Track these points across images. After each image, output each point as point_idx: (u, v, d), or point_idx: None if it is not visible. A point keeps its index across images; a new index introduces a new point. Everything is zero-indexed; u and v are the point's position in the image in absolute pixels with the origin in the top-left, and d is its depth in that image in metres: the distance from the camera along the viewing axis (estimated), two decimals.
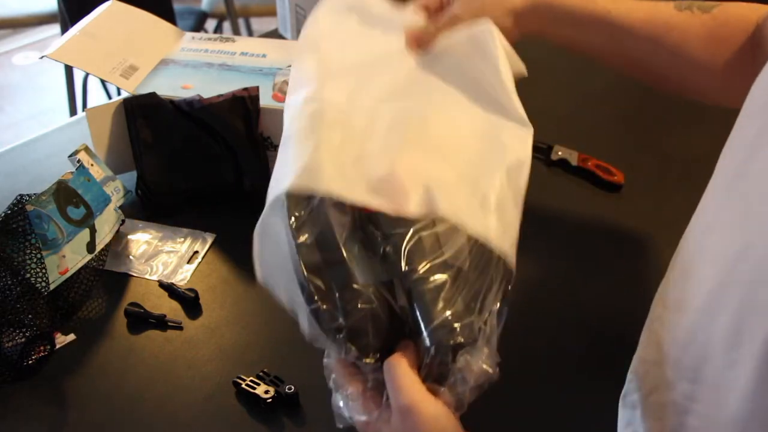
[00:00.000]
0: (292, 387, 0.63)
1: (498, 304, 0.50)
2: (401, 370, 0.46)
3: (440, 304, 0.47)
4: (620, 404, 0.53)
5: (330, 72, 0.60)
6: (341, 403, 0.49)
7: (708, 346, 0.40)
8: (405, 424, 0.46)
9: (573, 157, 0.95)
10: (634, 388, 0.51)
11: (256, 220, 0.53)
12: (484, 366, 0.47)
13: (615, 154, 0.95)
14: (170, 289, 0.76)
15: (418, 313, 0.48)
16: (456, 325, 0.47)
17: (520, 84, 0.72)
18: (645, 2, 0.70)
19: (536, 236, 0.84)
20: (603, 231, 0.86)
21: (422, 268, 0.48)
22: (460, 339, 0.47)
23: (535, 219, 0.87)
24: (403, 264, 0.48)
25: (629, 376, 0.53)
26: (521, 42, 1.22)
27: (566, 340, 0.71)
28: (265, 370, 0.66)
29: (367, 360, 0.48)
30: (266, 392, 0.63)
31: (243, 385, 0.64)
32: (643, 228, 0.85)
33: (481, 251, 0.51)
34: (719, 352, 0.39)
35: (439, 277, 0.48)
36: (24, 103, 3.08)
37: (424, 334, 0.47)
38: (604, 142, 1.01)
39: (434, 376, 0.47)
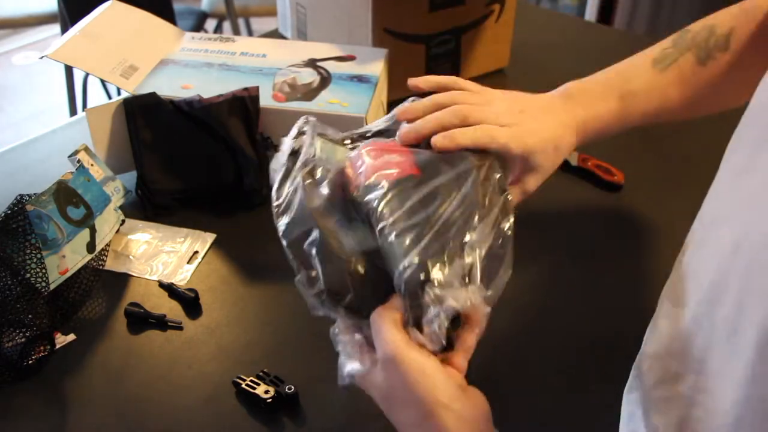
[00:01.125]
0: (292, 387, 0.63)
1: (491, 240, 0.51)
2: (384, 322, 0.47)
3: (407, 243, 0.48)
4: (623, 402, 0.53)
5: None
6: (341, 358, 0.51)
7: (711, 336, 0.41)
8: (390, 375, 0.46)
9: (573, 157, 0.95)
10: (637, 385, 0.51)
11: (256, 219, 0.53)
12: (466, 298, 0.47)
13: (615, 154, 0.95)
14: (170, 289, 0.76)
15: (390, 261, 0.49)
16: (427, 262, 0.48)
17: (521, 84, 0.73)
18: (668, 74, 0.70)
19: (536, 236, 0.84)
20: (603, 231, 0.86)
21: (393, 217, 0.50)
22: (429, 275, 0.47)
23: (535, 219, 0.87)
24: (376, 221, 0.50)
25: (633, 372, 0.53)
26: (521, 41, 1.22)
27: (566, 339, 0.71)
28: (265, 370, 0.66)
29: (355, 316, 0.50)
30: (266, 392, 0.63)
31: (243, 385, 0.64)
32: (643, 228, 0.85)
33: (466, 192, 0.52)
34: (721, 342, 0.39)
35: (410, 222, 0.50)
36: (24, 103, 3.09)
37: (395, 276, 0.48)
38: (604, 142, 1.01)
39: (414, 319, 0.48)
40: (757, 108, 0.45)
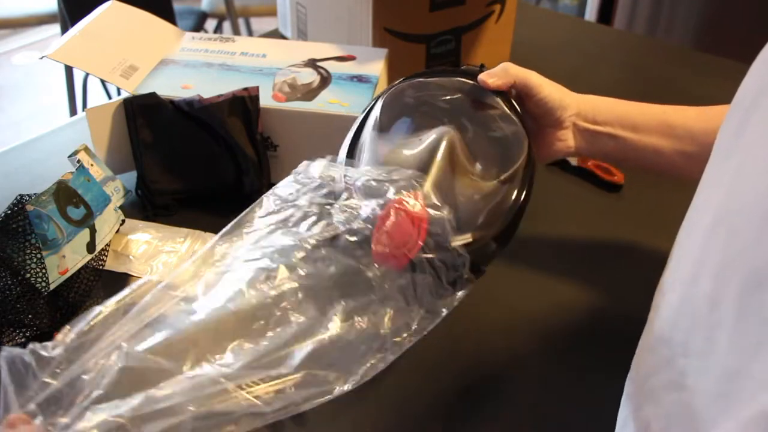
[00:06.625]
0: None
1: None
2: None
3: None
4: (622, 397, 0.53)
5: None
6: None
7: (694, 315, 0.41)
8: None
9: (573, 157, 0.95)
10: (633, 377, 0.51)
11: None
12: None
13: None
14: None
15: None
16: None
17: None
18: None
19: (536, 236, 0.84)
20: (603, 231, 0.86)
21: None
22: None
23: (534, 219, 0.87)
24: None
25: (631, 367, 0.53)
26: (521, 41, 1.22)
27: (565, 339, 0.71)
28: None
29: None
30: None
31: None
32: (643, 228, 0.85)
33: None
34: (703, 319, 0.39)
35: None
36: (24, 102, 3.09)
37: None
38: None
39: None
40: (739, 97, 0.45)
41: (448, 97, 0.68)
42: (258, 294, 0.49)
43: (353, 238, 0.52)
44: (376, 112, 0.66)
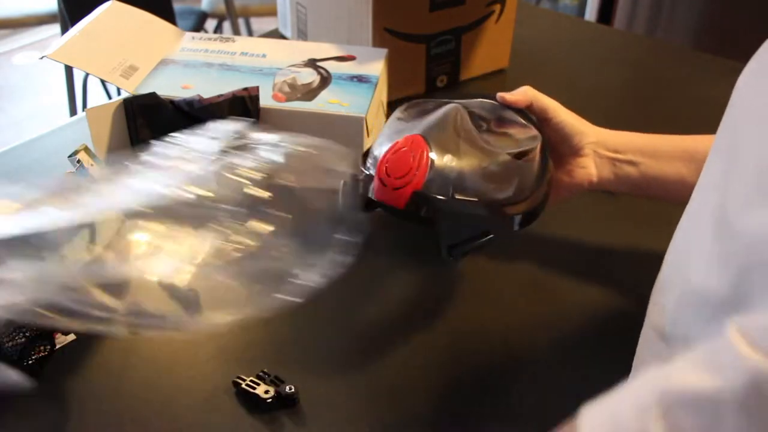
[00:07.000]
0: (292, 387, 0.63)
1: None
2: None
3: None
4: None
5: None
6: None
7: (694, 313, 0.41)
8: None
9: None
10: (633, 376, 0.51)
11: None
12: None
13: None
14: (170, 289, 0.75)
15: None
16: None
17: (521, 84, 0.73)
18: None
19: (536, 236, 0.84)
20: (603, 231, 0.86)
21: None
22: None
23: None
24: None
25: (632, 369, 0.53)
26: (521, 41, 1.22)
27: (565, 339, 0.71)
28: (265, 370, 0.66)
29: None
30: (266, 392, 0.63)
31: (243, 385, 0.64)
32: (642, 228, 0.85)
33: None
34: (703, 317, 0.39)
35: None
36: (24, 102, 3.09)
37: None
38: None
39: None
40: (735, 97, 0.46)
41: (468, 105, 0.70)
42: (136, 208, 0.50)
43: (256, 176, 0.53)
44: (395, 114, 0.70)
